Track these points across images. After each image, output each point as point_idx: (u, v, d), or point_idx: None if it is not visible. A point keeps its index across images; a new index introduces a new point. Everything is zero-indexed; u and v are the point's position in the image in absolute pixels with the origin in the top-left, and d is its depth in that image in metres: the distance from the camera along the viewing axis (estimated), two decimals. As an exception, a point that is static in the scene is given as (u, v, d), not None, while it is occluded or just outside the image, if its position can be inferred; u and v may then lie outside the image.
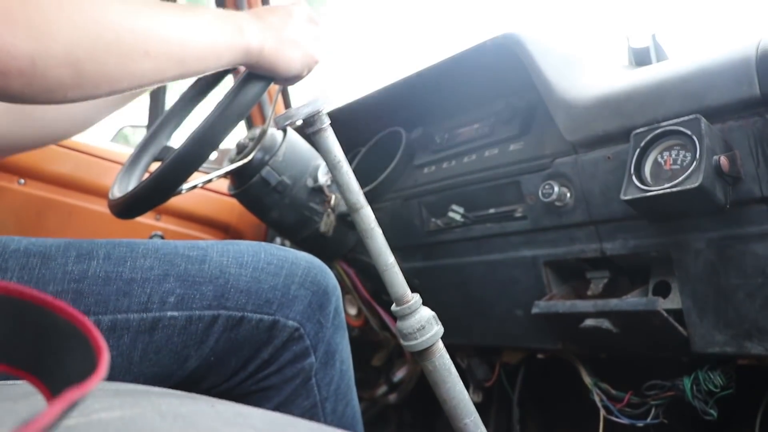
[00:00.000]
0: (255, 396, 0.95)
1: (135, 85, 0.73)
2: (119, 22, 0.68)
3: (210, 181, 1.16)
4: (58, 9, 0.63)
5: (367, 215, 0.85)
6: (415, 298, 0.86)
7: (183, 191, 1.03)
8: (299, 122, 0.83)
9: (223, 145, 1.01)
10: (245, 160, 1.26)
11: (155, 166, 1.02)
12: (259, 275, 0.93)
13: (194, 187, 1.11)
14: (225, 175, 1.29)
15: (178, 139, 1.18)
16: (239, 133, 1.73)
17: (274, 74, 0.89)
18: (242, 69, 0.89)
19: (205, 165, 1.04)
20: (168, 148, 1.21)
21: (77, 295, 0.82)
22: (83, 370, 0.31)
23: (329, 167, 0.85)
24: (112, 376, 0.83)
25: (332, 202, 1.36)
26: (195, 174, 1.02)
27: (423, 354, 0.86)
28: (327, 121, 0.84)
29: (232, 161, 1.33)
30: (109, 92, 0.72)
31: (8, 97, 0.64)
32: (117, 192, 1.08)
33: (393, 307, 0.87)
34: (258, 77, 0.90)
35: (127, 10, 0.69)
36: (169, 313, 0.86)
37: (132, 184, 1.12)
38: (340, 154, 0.84)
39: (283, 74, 0.88)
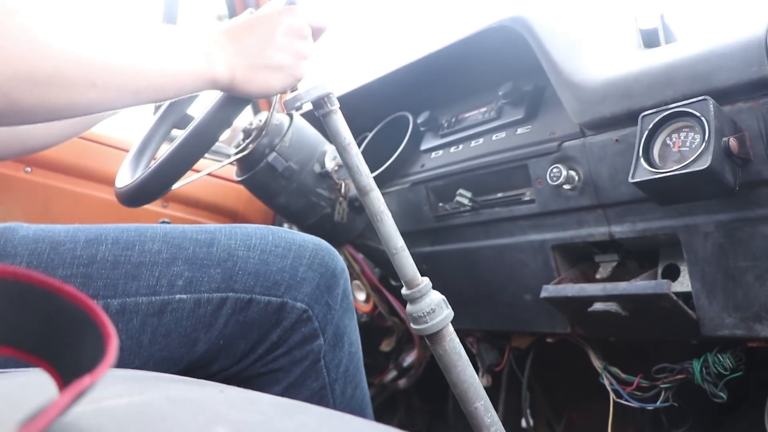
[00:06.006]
0: (264, 378, 0.96)
1: (80, 114, 0.70)
2: (61, 54, 0.63)
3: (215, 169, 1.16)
4: None
5: (377, 198, 0.84)
6: (425, 282, 0.86)
7: (186, 182, 1.03)
8: (308, 105, 0.82)
9: (236, 123, 0.99)
10: (249, 149, 1.25)
11: (161, 152, 1.02)
12: (267, 257, 0.93)
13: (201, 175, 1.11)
14: (231, 162, 1.29)
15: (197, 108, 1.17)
16: (246, 117, 1.72)
17: (248, 97, 0.85)
18: None
19: (214, 146, 1.03)
20: (188, 117, 1.18)
21: (86, 279, 0.83)
22: (93, 356, 0.31)
23: (338, 150, 0.84)
24: (122, 360, 0.83)
25: (343, 189, 1.36)
26: (201, 161, 1.02)
27: (433, 338, 0.86)
28: (336, 104, 0.83)
29: (237, 148, 1.33)
30: (48, 120, 0.68)
31: None
32: (124, 180, 1.08)
33: (403, 291, 0.87)
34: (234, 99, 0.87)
35: (73, 40, 0.65)
36: (177, 296, 0.87)
37: (139, 172, 1.12)
38: (349, 136, 0.84)
39: (258, 96, 0.85)
